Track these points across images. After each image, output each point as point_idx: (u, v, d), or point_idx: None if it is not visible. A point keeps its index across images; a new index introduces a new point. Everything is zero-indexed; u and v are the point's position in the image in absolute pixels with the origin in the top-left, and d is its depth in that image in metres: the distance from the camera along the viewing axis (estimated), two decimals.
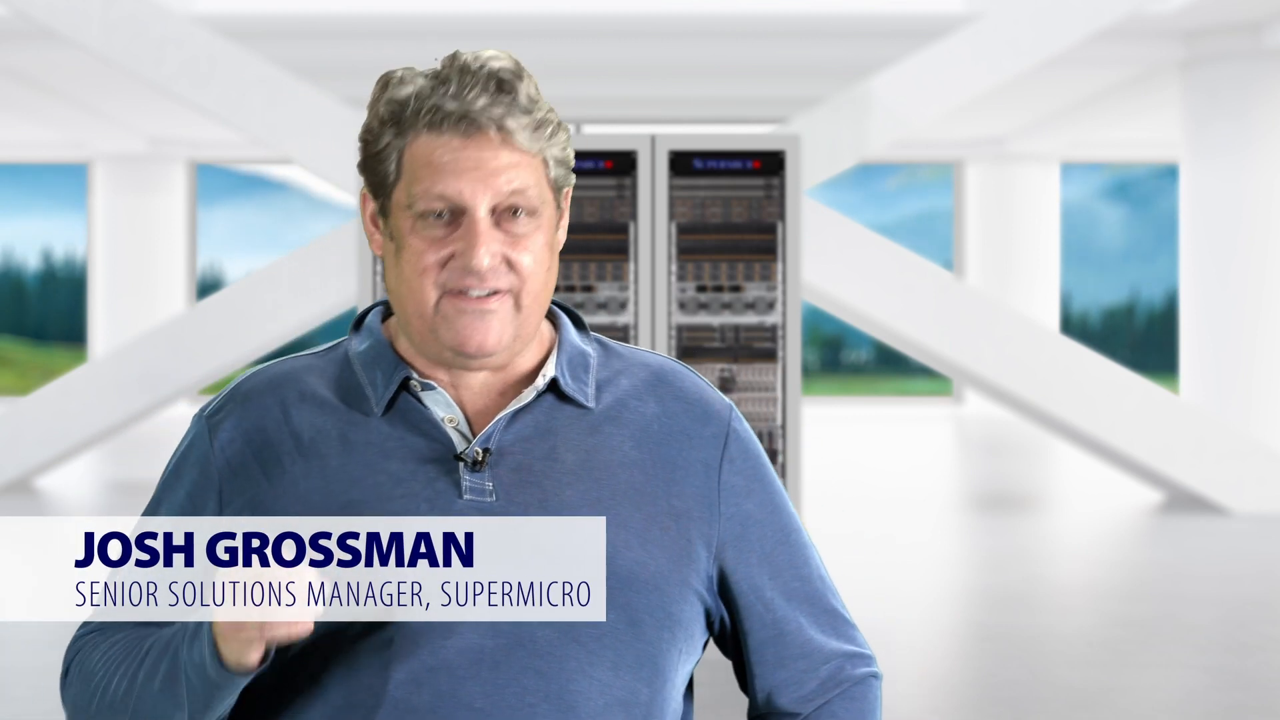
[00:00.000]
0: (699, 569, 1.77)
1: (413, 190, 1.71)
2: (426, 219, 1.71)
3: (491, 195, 1.70)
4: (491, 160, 1.70)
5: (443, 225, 1.71)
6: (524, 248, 1.72)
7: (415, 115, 1.71)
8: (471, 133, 1.70)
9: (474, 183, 1.69)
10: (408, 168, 1.72)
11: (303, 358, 1.83)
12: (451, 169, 1.69)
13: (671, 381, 1.83)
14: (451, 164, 1.69)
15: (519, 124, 1.71)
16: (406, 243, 1.72)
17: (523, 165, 1.71)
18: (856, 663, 1.85)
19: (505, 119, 1.70)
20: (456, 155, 1.69)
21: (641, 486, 1.76)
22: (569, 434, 1.76)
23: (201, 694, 1.66)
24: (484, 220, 1.70)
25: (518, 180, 1.70)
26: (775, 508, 1.84)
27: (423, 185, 1.70)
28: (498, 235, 1.71)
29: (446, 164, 1.69)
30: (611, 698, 1.70)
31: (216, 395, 1.82)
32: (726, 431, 1.82)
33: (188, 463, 1.79)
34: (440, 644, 1.67)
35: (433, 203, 1.70)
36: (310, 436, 1.74)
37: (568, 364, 1.79)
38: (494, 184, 1.70)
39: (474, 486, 1.71)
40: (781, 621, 1.82)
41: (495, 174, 1.70)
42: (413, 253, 1.71)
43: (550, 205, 1.75)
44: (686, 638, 1.77)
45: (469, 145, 1.70)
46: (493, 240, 1.70)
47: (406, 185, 1.72)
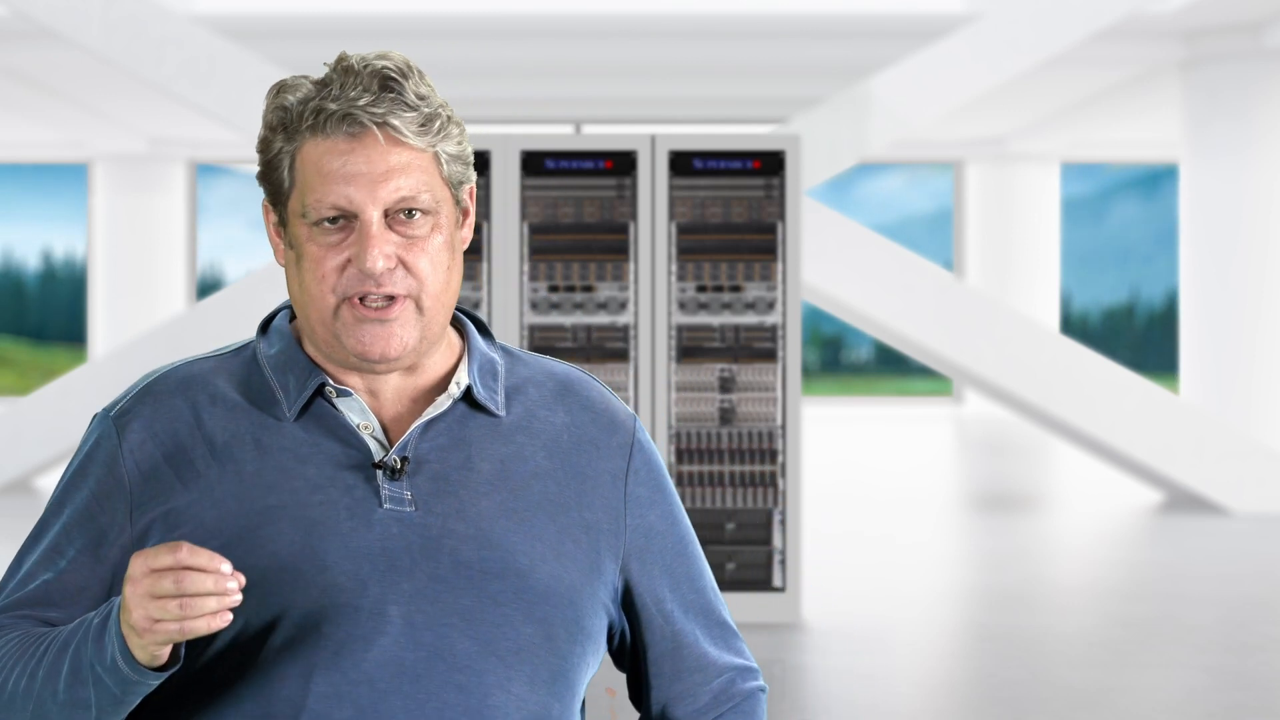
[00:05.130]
0: (606, 581, 1.77)
1: (305, 200, 1.69)
2: (321, 225, 1.69)
3: (381, 199, 1.68)
4: (380, 164, 1.68)
5: (336, 230, 1.69)
6: (420, 250, 1.70)
7: (299, 119, 1.69)
8: (356, 133, 1.68)
9: (362, 188, 1.67)
10: (299, 176, 1.70)
11: (209, 359, 1.80)
12: (340, 176, 1.67)
13: (578, 391, 1.83)
14: (340, 170, 1.67)
15: (404, 120, 1.68)
16: (304, 250, 1.70)
17: (413, 165, 1.69)
18: (746, 676, 1.87)
19: (389, 116, 1.67)
20: (345, 159, 1.68)
21: (555, 497, 1.75)
22: (483, 443, 1.75)
23: (114, 694, 1.60)
24: (376, 223, 1.68)
25: (407, 185, 1.68)
26: (675, 519, 1.84)
27: (315, 195, 1.68)
28: (391, 237, 1.69)
29: (335, 170, 1.68)
30: (526, 713, 1.69)
31: (121, 394, 1.78)
32: (632, 442, 1.82)
33: (94, 463, 1.74)
34: (361, 656, 1.65)
35: (325, 211, 1.68)
36: (224, 440, 1.72)
37: (478, 372, 1.78)
38: (382, 189, 1.68)
39: (393, 495, 1.70)
40: (679, 634, 1.83)
41: (385, 178, 1.68)
42: (310, 260, 1.69)
43: (448, 203, 1.73)
44: (595, 651, 1.77)
45: (356, 148, 1.68)
46: (386, 242, 1.68)
47: (300, 195, 1.70)
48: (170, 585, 1.51)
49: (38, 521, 1.77)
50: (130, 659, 1.57)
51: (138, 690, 1.60)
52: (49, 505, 1.76)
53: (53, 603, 1.71)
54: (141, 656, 1.56)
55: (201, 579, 1.51)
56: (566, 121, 16.89)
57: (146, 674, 1.58)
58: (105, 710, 1.62)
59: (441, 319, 1.73)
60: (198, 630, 1.52)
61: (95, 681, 1.60)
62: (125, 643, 1.57)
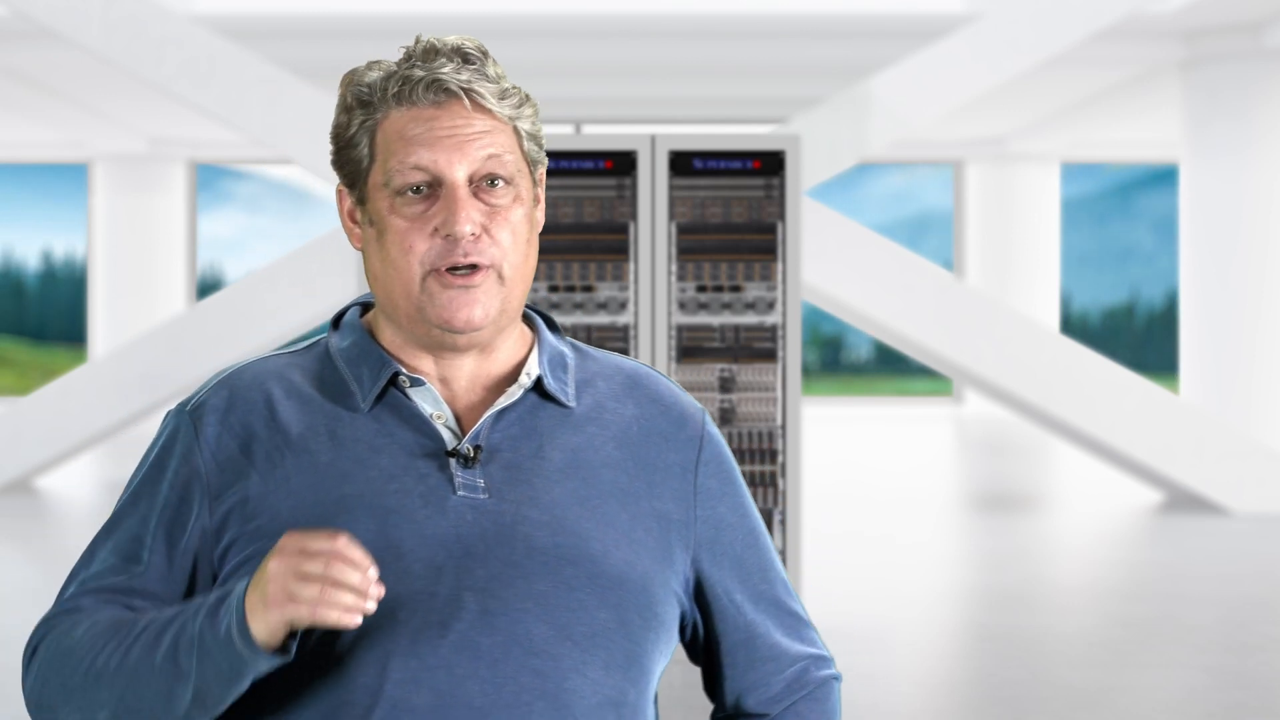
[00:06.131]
0: (677, 571, 1.78)
1: (388, 165, 1.70)
2: (405, 195, 1.70)
3: (468, 163, 1.70)
4: (465, 127, 1.70)
5: (421, 200, 1.70)
6: (503, 220, 1.71)
7: (384, 92, 1.71)
8: (442, 100, 1.70)
9: (449, 150, 1.69)
10: (381, 146, 1.72)
11: (281, 355, 1.82)
12: (426, 139, 1.69)
13: (647, 385, 1.84)
14: (425, 134, 1.69)
15: (488, 89, 1.71)
16: (388, 223, 1.71)
17: (496, 131, 1.71)
18: (820, 665, 1.88)
19: (473, 83, 1.70)
20: (430, 125, 1.70)
21: (626, 487, 1.76)
22: (554, 433, 1.76)
23: (218, 668, 1.59)
24: (463, 188, 1.69)
25: (493, 145, 1.70)
26: (744, 511, 1.86)
27: (397, 158, 1.70)
28: (478, 205, 1.70)
29: (420, 135, 1.69)
30: (603, 697, 1.70)
31: (195, 390, 1.80)
32: (701, 435, 1.84)
33: (170, 455, 1.75)
34: (437, 642, 1.66)
35: (409, 175, 1.69)
36: (299, 432, 1.73)
37: (548, 363, 1.79)
38: (469, 150, 1.69)
39: (467, 483, 1.71)
40: (752, 625, 1.84)
41: (470, 140, 1.70)
42: (396, 232, 1.70)
43: (526, 178, 1.75)
44: (667, 639, 1.78)
45: (441, 114, 1.70)
46: (473, 208, 1.69)
47: (382, 163, 1.71)
48: (319, 568, 1.53)
49: (111, 514, 1.78)
50: (245, 634, 1.57)
51: (241, 670, 1.59)
52: (123, 498, 1.77)
53: (134, 590, 1.72)
54: (259, 631, 1.56)
55: (350, 572, 1.53)
56: (566, 121, 16.89)
57: (258, 653, 1.57)
58: (203, 686, 1.60)
59: (520, 293, 1.75)
60: (328, 619, 1.54)
61: (201, 653, 1.60)
62: (244, 617, 1.57)
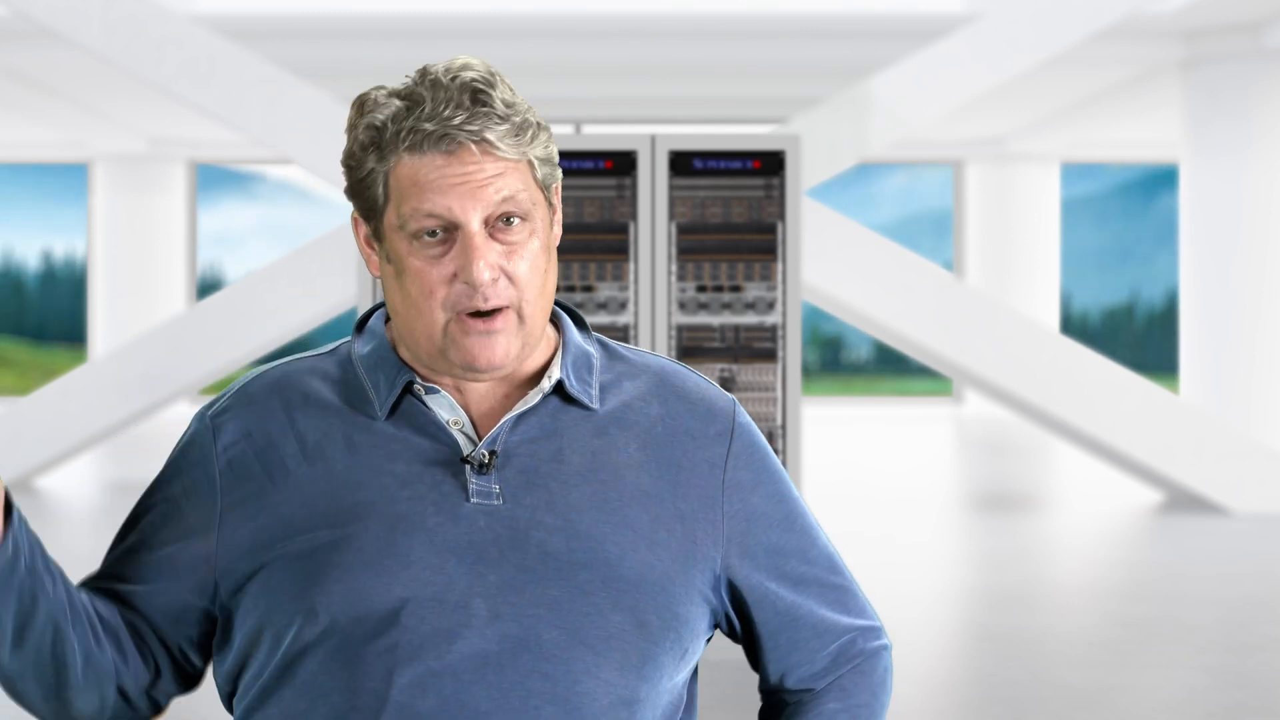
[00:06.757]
0: (706, 569, 1.78)
1: (402, 211, 1.71)
2: (421, 238, 1.71)
3: (482, 208, 1.70)
4: (477, 173, 1.70)
5: (438, 244, 1.70)
6: (519, 256, 1.72)
7: (395, 138, 1.70)
8: (453, 149, 1.69)
9: (462, 198, 1.69)
10: (394, 189, 1.72)
11: (305, 359, 1.83)
12: (438, 186, 1.69)
13: (674, 382, 1.84)
14: (438, 181, 1.69)
15: (498, 134, 1.70)
16: (407, 265, 1.72)
17: (508, 172, 1.71)
18: (868, 636, 1.88)
19: (484, 132, 1.69)
20: (442, 172, 1.69)
21: (648, 489, 1.76)
22: (575, 436, 1.76)
23: None
24: (478, 234, 1.70)
25: (506, 188, 1.70)
26: (781, 496, 1.85)
27: (411, 205, 1.70)
28: (494, 246, 1.71)
29: (433, 181, 1.69)
30: (615, 697, 1.70)
31: (219, 395, 1.82)
32: (731, 428, 1.83)
33: (187, 460, 1.79)
34: (445, 649, 1.67)
35: (424, 221, 1.70)
36: (315, 439, 1.75)
37: (572, 365, 1.80)
38: (483, 196, 1.69)
39: (481, 489, 1.72)
40: (793, 608, 1.84)
41: (483, 186, 1.69)
42: (415, 275, 1.71)
43: (541, 205, 1.75)
44: (691, 636, 1.78)
45: (452, 162, 1.69)
46: (489, 252, 1.70)
47: (396, 206, 1.72)
48: None
49: (129, 515, 1.82)
50: None
51: None
52: (141, 499, 1.81)
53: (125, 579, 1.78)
54: None
55: None
56: (566, 121, 16.89)
57: None
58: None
59: (540, 323, 1.75)
60: None
61: None
62: None
